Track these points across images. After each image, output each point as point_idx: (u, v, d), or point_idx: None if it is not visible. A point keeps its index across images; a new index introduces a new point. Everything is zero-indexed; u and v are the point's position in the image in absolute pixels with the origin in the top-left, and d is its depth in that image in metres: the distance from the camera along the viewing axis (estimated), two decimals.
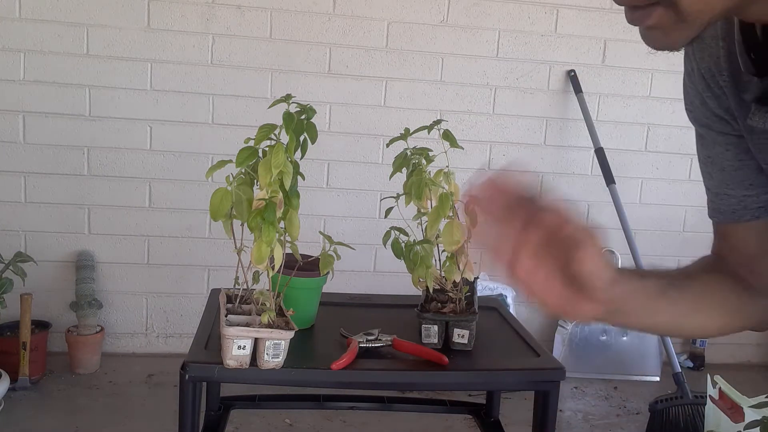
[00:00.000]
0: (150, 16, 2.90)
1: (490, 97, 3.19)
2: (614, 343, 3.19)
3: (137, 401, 2.69)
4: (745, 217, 0.83)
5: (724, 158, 0.83)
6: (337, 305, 1.71)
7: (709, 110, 0.81)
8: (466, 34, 3.12)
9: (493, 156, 3.22)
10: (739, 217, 0.84)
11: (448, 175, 1.45)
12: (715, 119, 0.81)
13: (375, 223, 3.13)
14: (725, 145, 0.82)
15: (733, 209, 0.84)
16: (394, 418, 2.59)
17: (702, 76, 0.80)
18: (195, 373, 1.30)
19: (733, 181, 0.83)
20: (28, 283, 2.55)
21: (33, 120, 2.90)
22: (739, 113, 0.77)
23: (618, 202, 2.96)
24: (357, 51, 3.05)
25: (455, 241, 1.39)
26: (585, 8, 3.17)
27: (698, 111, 0.83)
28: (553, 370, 1.43)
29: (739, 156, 0.81)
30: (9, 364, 2.60)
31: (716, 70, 0.77)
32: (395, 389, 1.96)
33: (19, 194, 2.94)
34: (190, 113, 2.99)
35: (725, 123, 0.80)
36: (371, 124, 3.10)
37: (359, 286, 3.01)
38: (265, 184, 1.21)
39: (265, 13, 2.97)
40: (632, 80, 3.25)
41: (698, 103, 0.82)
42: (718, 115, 0.80)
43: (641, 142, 3.30)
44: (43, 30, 2.84)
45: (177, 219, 3.05)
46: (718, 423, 2.22)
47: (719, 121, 0.81)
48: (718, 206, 0.86)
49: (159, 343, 3.14)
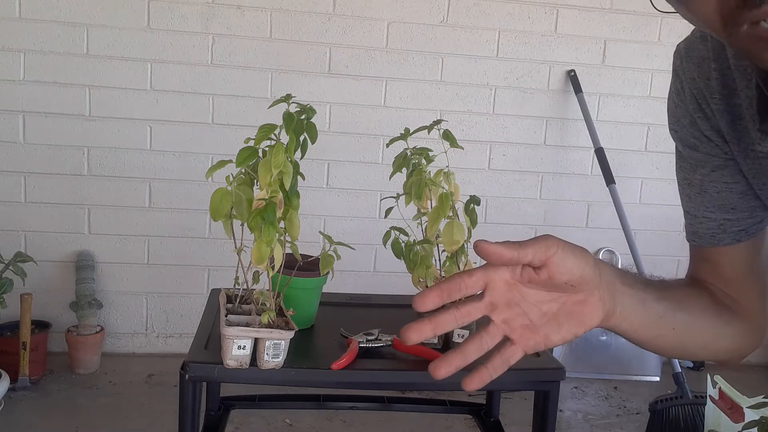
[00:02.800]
0: (150, 16, 2.90)
1: (490, 97, 3.19)
2: (614, 343, 3.19)
3: (137, 401, 2.69)
4: (724, 241, 0.81)
5: (708, 180, 0.80)
6: (337, 305, 1.71)
7: (698, 131, 0.79)
8: (466, 34, 3.12)
9: (493, 156, 3.22)
10: (718, 241, 0.82)
11: (448, 175, 1.45)
12: (703, 140, 0.79)
13: (375, 223, 3.13)
14: (711, 167, 0.80)
15: (713, 233, 0.82)
16: (394, 418, 2.59)
17: (693, 96, 0.78)
18: (195, 373, 1.30)
19: (714, 204, 0.81)
20: (28, 283, 2.55)
21: (33, 120, 2.90)
22: (732, 136, 0.75)
23: (618, 202, 2.97)
24: (357, 51, 3.05)
25: (455, 241, 1.39)
26: (585, 8, 3.17)
27: (685, 131, 0.80)
28: (553, 370, 1.43)
29: (724, 179, 0.79)
30: (9, 364, 2.60)
31: (707, 93, 0.75)
32: (395, 389, 1.96)
33: (19, 194, 2.94)
34: (190, 113, 2.99)
35: (714, 145, 0.78)
36: (371, 124, 3.10)
37: (359, 286, 3.01)
38: (265, 184, 1.21)
39: (265, 13, 2.97)
40: (632, 80, 3.25)
41: (686, 123, 0.80)
42: (707, 137, 0.78)
43: (641, 142, 3.30)
44: (43, 30, 2.84)
45: (177, 219, 3.05)
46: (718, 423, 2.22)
47: (708, 143, 0.78)
48: (696, 229, 0.84)
49: (159, 343, 3.14)
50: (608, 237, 3.33)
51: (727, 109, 0.74)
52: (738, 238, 0.81)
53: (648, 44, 3.21)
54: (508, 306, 0.64)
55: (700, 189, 0.81)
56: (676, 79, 0.80)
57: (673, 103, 0.82)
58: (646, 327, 0.73)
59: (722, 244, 0.82)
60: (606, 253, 3.36)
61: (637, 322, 0.72)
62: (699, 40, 0.76)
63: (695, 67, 0.76)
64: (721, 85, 0.74)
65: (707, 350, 0.83)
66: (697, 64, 0.76)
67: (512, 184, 3.26)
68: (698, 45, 0.77)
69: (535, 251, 0.61)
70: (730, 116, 0.74)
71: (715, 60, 0.74)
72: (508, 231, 3.25)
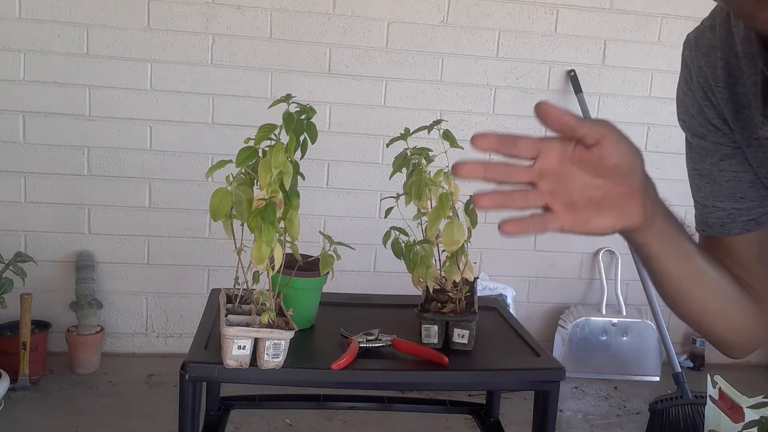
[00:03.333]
0: (150, 16, 2.90)
1: (490, 97, 3.19)
2: (614, 343, 3.19)
3: (137, 401, 2.69)
4: (734, 230, 0.82)
5: (717, 169, 0.81)
6: (337, 305, 1.71)
7: (705, 120, 0.79)
8: (466, 34, 3.12)
9: (493, 156, 3.22)
10: (728, 230, 0.82)
11: (448, 175, 1.45)
12: (711, 129, 0.79)
13: (375, 223, 3.13)
14: (719, 156, 0.80)
15: (722, 222, 0.82)
16: (394, 418, 2.59)
17: (700, 85, 0.78)
18: (195, 373, 1.30)
19: (723, 193, 0.81)
20: (28, 283, 2.55)
21: (33, 120, 2.90)
22: (736, 125, 0.76)
23: None
24: (357, 51, 3.05)
25: (455, 241, 1.39)
26: (585, 8, 3.17)
27: (693, 120, 0.81)
28: (553, 370, 1.43)
29: (733, 167, 0.79)
30: (9, 364, 2.60)
31: (713, 81, 0.76)
32: (395, 389, 1.96)
33: (19, 194, 2.94)
34: (190, 113, 2.99)
35: (721, 134, 0.79)
36: (371, 124, 3.10)
37: (359, 286, 3.01)
38: (265, 184, 1.21)
39: (265, 13, 2.97)
40: (632, 80, 3.25)
41: (695, 112, 0.80)
42: (714, 125, 0.79)
43: (641, 142, 3.30)
44: (43, 30, 2.84)
45: (177, 219, 3.05)
46: (718, 423, 2.22)
47: (715, 132, 0.79)
48: (706, 218, 0.84)
49: (159, 343, 3.14)
50: (608, 237, 3.32)
51: (731, 98, 0.75)
52: (748, 228, 0.81)
53: (648, 44, 3.21)
54: (556, 179, 0.63)
55: (709, 178, 0.82)
56: (685, 68, 0.81)
57: (681, 93, 0.82)
58: (678, 259, 0.74)
59: (732, 233, 0.82)
60: (606, 253, 3.36)
61: (670, 251, 0.72)
62: (708, 29, 0.77)
63: (703, 56, 0.77)
64: (726, 73, 0.75)
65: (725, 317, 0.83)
66: (704, 53, 0.77)
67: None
68: (707, 34, 0.77)
69: (592, 126, 0.61)
70: (734, 105, 0.75)
71: (721, 49, 0.74)
72: None
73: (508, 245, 3.28)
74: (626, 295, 3.33)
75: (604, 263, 3.35)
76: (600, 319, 3.20)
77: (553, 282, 3.36)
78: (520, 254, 3.31)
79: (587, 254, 3.37)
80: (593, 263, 3.38)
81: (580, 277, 3.39)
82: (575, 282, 3.39)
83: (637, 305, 3.28)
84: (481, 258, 3.24)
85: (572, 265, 3.37)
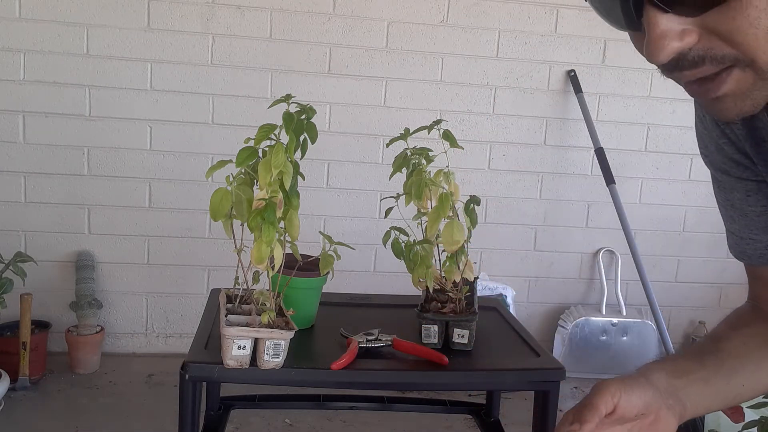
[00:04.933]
0: (150, 16, 2.90)
1: (490, 97, 3.19)
2: (614, 343, 3.19)
3: (137, 401, 2.69)
4: None
5: (746, 204, 0.80)
6: (337, 305, 1.71)
7: (725, 156, 0.78)
8: (466, 34, 3.12)
9: (493, 156, 3.22)
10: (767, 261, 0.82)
11: (448, 175, 1.45)
12: (732, 164, 0.78)
13: (375, 223, 3.13)
14: (745, 191, 0.79)
15: (761, 254, 0.82)
16: (394, 418, 2.59)
17: (715, 122, 0.77)
18: (195, 373, 1.30)
19: (757, 226, 0.80)
20: (28, 283, 2.55)
21: (33, 120, 2.90)
22: (759, 159, 0.75)
23: (618, 202, 2.97)
24: (357, 51, 3.05)
25: (455, 241, 1.39)
26: (585, 8, 3.14)
27: (714, 156, 0.80)
28: (553, 370, 1.43)
29: (761, 201, 0.79)
30: (9, 364, 2.60)
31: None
32: (395, 389, 1.96)
33: (19, 194, 2.94)
34: (190, 113, 2.99)
35: (744, 168, 0.78)
36: (371, 124, 3.10)
37: (359, 286, 3.01)
38: (265, 184, 1.21)
39: (265, 13, 2.97)
40: (632, 80, 3.25)
41: (713, 148, 0.79)
42: (735, 160, 0.78)
43: (641, 142, 3.30)
44: (43, 30, 2.84)
45: (177, 219, 3.05)
46: (718, 423, 2.22)
47: (737, 167, 0.78)
48: (744, 249, 0.84)
49: (159, 343, 3.14)
50: (608, 237, 3.33)
51: (750, 133, 0.74)
52: None
53: None
54: None
55: (741, 212, 0.82)
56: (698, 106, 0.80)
57: (698, 130, 0.82)
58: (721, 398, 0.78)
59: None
60: (606, 253, 3.36)
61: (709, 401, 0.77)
62: None
63: None
64: None
65: None
66: None
67: (512, 184, 3.26)
68: None
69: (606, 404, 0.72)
70: (754, 140, 0.74)
71: None
72: (508, 231, 3.25)
73: (508, 245, 3.28)
74: (626, 295, 3.33)
75: (604, 263, 3.35)
76: (600, 319, 3.20)
77: (553, 282, 3.36)
78: (520, 254, 3.31)
79: (587, 254, 3.37)
80: (593, 263, 3.38)
81: (580, 277, 3.39)
82: (575, 282, 3.39)
83: (637, 305, 3.28)
84: (481, 258, 3.24)
85: (572, 265, 3.37)
